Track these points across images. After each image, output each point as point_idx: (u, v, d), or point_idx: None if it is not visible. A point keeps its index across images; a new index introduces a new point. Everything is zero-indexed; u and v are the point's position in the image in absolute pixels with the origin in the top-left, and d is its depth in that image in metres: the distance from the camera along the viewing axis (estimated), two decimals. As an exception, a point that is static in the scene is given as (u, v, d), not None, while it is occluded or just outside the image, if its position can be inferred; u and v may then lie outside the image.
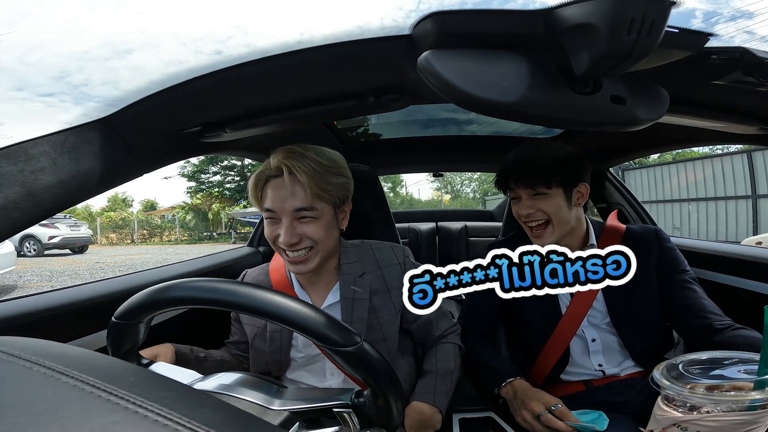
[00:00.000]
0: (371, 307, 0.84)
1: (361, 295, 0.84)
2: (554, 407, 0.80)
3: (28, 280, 7.42)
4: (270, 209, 0.77)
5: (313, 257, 0.79)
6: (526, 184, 0.96)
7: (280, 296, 0.45)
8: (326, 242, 0.80)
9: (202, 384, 0.50)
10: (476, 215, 3.08)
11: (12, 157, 0.54)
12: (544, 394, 0.84)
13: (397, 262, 0.88)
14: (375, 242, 0.92)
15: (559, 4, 0.44)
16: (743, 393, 0.52)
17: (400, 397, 0.49)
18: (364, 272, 0.86)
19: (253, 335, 0.87)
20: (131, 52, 4.79)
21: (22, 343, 0.28)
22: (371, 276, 0.86)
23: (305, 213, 0.76)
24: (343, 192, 0.82)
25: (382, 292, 0.86)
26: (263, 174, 0.78)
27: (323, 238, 0.78)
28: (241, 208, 19.04)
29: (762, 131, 0.82)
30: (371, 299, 0.84)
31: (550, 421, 0.79)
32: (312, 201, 0.75)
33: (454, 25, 0.48)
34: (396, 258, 0.89)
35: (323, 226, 0.78)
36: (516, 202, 1.01)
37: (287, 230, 0.75)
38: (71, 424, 0.19)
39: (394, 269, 0.87)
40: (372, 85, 0.67)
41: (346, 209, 0.85)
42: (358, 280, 0.85)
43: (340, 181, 0.80)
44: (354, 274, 0.85)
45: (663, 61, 0.50)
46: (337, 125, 1.51)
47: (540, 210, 0.95)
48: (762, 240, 5.88)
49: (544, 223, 0.96)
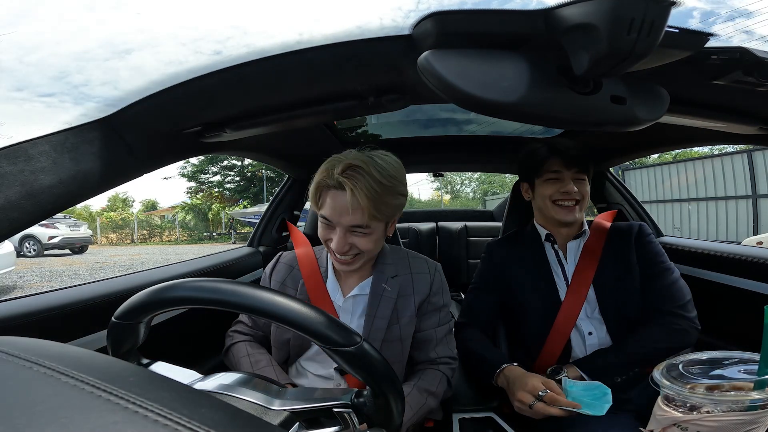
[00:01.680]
0: (395, 307, 0.88)
1: (389, 294, 0.88)
2: (542, 393, 0.81)
3: (28, 280, 7.41)
4: (326, 218, 0.80)
5: (359, 261, 0.84)
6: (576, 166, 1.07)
7: (281, 296, 0.45)
8: (373, 251, 0.85)
9: (202, 384, 0.50)
10: (476, 215, 3.08)
11: (12, 157, 0.54)
12: (529, 380, 0.85)
13: (428, 272, 0.93)
14: (412, 252, 0.99)
15: (559, 4, 0.44)
16: (743, 393, 0.52)
17: (400, 397, 0.49)
18: (397, 274, 0.91)
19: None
20: (131, 53, 4.70)
21: (22, 343, 0.28)
22: (402, 279, 0.91)
23: (359, 229, 0.79)
24: (398, 211, 0.84)
25: (408, 295, 0.90)
26: (324, 182, 0.79)
27: (371, 249, 0.83)
28: (241, 208, 19.05)
29: (762, 131, 0.82)
30: (397, 300, 0.88)
31: (543, 408, 0.79)
32: (368, 221, 0.78)
33: (454, 25, 0.48)
34: (428, 269, 0.94)
35: (374, 240, 0.81)
36: (553, 183, 1.09)
37: (339, 240, 0.79)
38: (71, 424, 0.19)
39: (424, 277, 0.92)
40: (372, 85, 0.67)
41: (395, 220, 0.88)
42: (390, 281, 0.89)
43: (397, 203, 0.82)
44: (388, 274, 0.90)
45: (663, 61, 0.50)
46: (337, 125, 1.51)
47: (578, 190, 1.07)
48: (762, 240, 5.88)
49: (577, 202, 1.07)
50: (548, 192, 1.10)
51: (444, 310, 0.94)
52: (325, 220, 0.80)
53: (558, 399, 0.79)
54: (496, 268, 1.16)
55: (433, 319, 0.92)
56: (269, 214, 1.67)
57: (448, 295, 0.96)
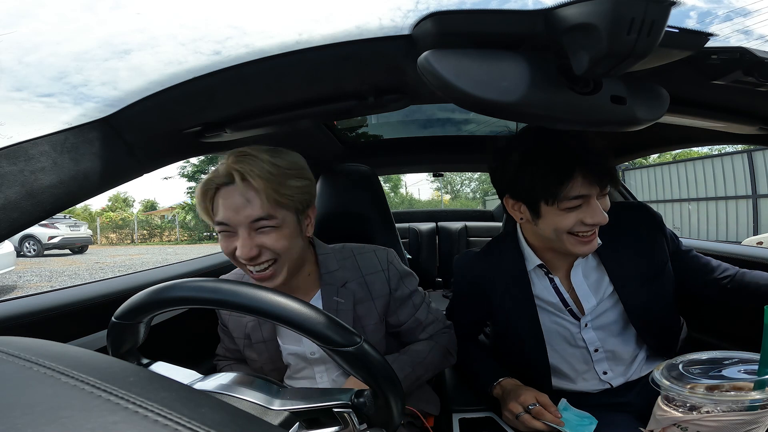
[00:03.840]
0: (355, 317, 0.81)
1: (344, 306, 0.80)
2: (531, 407, 0.79)
3: (28, 280, 7.41)
4: (223, 222, 0.69)
5: (279, 271, 0.72)
6: (610, 180, 0.75)
7: (282, 297, 0.45)
8: (290, 253, 0.72)
9: (202, 384, 0.50)
10: (476, 215, 3.08)
11: (12, 157, 0.54)
12: (524, 392, 0.83)
13: (380, 269, 0.83)
14: (357, 246, 0.87)
15: (558, 4, 0.44)
16: (743, 393, 0.52)
17: (400, 397, 0.49)
18: (346, 281, 0.81)
19: (242, 347, 0.86)
20: (130, 53, 4.78)
21: (22, 343, 0.28)
22: (354, 284, 0.81)
23: (263, 222, 0.68)
24: (305, 196, 0.74)
25: (366, 300, 0.82)
26: (212, 182, 0.69)
27: (286, 249, 0.71)
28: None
29: (762, 131, 0.82)
30: (355, 308, 0.81)
31: (527, 420, 0.78)
32: (270, 209, 0.68)
33: (454, 24, 0.48)
34: (379, 264, 0.84)
35: (285, 235, 0.70)
36: (576, 211, 0.75)
37: (244, 243, 0.68)
38: (71, 424, 0.19)
39: (378, 276, 0.82)
40: (372, 85, 0.67)
41: (311, 214, 0.78)
42: (340, 291, 0.80)
43: (300, 184, 0.72)
44: (336, 284, 0.80)
45: (663, 61, 0.50)
46: (337, 125, 1.51)
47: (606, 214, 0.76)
48: (762, 240, 5.88)
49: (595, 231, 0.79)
50: (567, 223, 0.76)
51: (414, 294, 0.87)
52: (224, 226, 0.69)
53: (544, 414, 0.78)
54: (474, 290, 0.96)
55: (409, 308, 0.86)
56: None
57: (411, 278, 0.88)
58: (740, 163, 8.75)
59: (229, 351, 0.92)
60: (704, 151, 11.91)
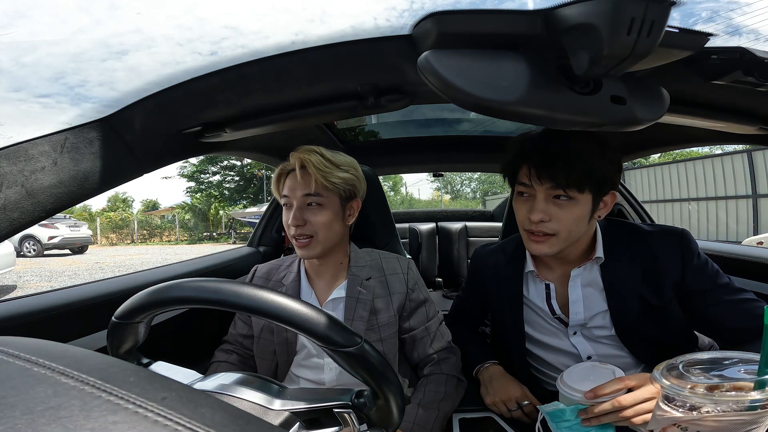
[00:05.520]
0: (373, 309, 0.90)
1: (365, 296, 0.90)
2: (524, 404, 0.85)
3: (28, 280, 7.41)
4: (285, 195, 0.88)
5: (314, 245, 0.86)
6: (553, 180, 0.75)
7: (282, 297, 0.45)
8: (327, 233, 0.86)
9: (202, 384, 0.50)
10: (476, 215, 3.08)
11: (12, 157, 0.54)
12: (512, 387, 0.88)
13: (400, 272, 0.96)
14: (384, 252, 1.00)
15: (558, 4, 0.44)
16: (743, 393, 0.52)
17: (400, 397, 0.49)
18: (370, 277, 0.93)
19: (260, 328, 0.92)
20: (127, 53, 4.78)
21: (22, 343, 0.28)
22: (376, 281, 0.93)
23: (312, 199, 0.85)
24: (350, 186, 0.89)
25: (384, 296, 0.92)
26: (284, 169, 0.89)
27: (324, 227, 0.85)
28: (240, 209, 19.05)
29: (762, 131, 0.82)
30: (374, 301, 0.90)
31: (519, 417, 0.85)
32: (318, 188, 0.84)
33: (454, 25, 0.48)
34: (400, 268, 0.96)
35: (327, 214, 0.85)
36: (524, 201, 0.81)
37: (294, 213, 0.84)
38: (71, 424, 0.19)
39: (398, 277, 0.95)
40: (372, 85, 0.67)
41: (354, 206, 0.92)
42: (364, 283, 0.91)
43: (346, 176, 0.87)
44: (362, 276, 0.92)
45: (663, 61, 0.50)
46: (337, 125, 1.51)
47: (554, 219, 0.77)
48: (762, 240, 5.88)
49: (549, 235, 0.79)
50: (520, 215, 0.83)
51: (428, 303, 0.96)
52: (286, 198, 0.87)
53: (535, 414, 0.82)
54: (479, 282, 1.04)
55: (421, 315, 0.94)
56: (269, 215, 1.67)
57: (425, 289, 0.99)
58: (740, 163, 8.75)
59: (239, 337, 0.95)
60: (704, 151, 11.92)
